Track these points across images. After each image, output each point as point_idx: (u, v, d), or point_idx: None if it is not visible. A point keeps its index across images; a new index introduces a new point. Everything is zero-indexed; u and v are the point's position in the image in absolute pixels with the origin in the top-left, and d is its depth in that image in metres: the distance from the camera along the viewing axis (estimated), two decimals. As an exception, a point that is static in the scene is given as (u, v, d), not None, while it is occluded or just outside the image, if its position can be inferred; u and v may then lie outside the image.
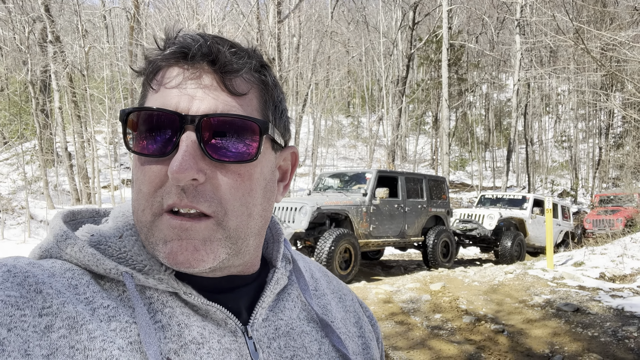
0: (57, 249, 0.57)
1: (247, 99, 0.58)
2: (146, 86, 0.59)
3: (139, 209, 0.56)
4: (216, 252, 0.55)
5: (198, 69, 0.56)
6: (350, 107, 39.56)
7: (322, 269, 0.80)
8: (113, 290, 0.56)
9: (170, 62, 0.56)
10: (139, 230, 0.57)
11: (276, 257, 0.68)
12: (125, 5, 25.45)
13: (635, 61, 10.82)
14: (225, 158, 0.55)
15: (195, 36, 0.56)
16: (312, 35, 24.94)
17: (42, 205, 15.09)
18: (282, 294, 0.67)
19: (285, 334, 0.63)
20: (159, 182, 0.55)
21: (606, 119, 27.17)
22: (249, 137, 0.56)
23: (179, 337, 0.54)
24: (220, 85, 0.56)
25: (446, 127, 19.10)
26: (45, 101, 17.87)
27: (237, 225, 0.56)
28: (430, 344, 4.78)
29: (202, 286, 0.60)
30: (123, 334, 0.51)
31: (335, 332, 0.66)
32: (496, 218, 11.13)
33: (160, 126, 0.55)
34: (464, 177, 30.14)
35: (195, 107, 0.54)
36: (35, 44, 17.35)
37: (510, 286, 6.75)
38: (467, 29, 32.19)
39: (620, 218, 14.57)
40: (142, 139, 0.56)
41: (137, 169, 0.57)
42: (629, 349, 4.61)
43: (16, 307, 0.47)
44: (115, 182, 18.73)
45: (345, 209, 8.14)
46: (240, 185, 0.56)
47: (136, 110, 0.56)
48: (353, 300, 0.78)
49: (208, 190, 0.54)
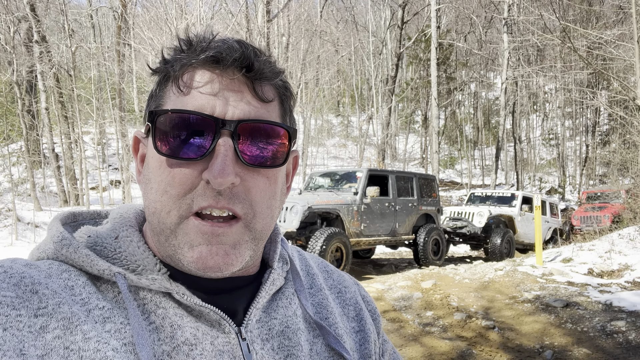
0: (54, 251, 0.58)
1: (272, 106, 0.60)
2: (170, 86, 0.59)
3: (164, 210, 0.56)
4: (244, 255, 0.57)
5: (231, 74, 0.57)
6: (340, 106, 39.61)
7: (323, 264, 0.80)
8: (108, 292, 0.56)
9: (202, 66, 0.57)
10: (159, 231, 0.57)
11: (273, 258, 0.68)
12: (112, 5, 25.22)
13: (621, 59, 10.96)
14: (258, 163, 0.57)
15: (231, 42, 0.58)
16: (302, 35, 24.92)
17: (29, 208, 14.89)
18: (277, 293, 0.67)
19: (279, 333, 0.63)
20: (190, 185, 0.55)
21: (593, 117, 27.53)
22: (280, 142, 0.59)
23: (171, 339, 0.54)
24: (251, 92, 0.58)
25: (436, 125, 19.19)
26: (31, 102, 17.63)
27: (262, 227, 0.59)
28: (423, 340, 4.80)
29: (200, 287, 0.60)
30: (117, 335, 0.52)
31: (331, 333, 0.66)
32: (486, 216, 11.21)
33: (195, 130, 0.55)
34: (454, 175, 30.35)
35: (230, 112, 0.56)
36: (21, 44, 17.11)
37: (500, 283, 6.81)
38: (456, 28, 32.38)
39: (608, 214, 14.76)
40: (173, 142, 0.56)
41: (163, 170, 0.57)
42: (617, 343, 4.67)
43: (12, 307, 0.48)
44: (104, 183, 18.55)
45: (336, 207, 8.15)
46: (268, 188, 0.59)
47: (172, 113, 0.56)
48: (354, 293, 0.77)
49: (241, 193, 0.56)
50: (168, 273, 0.58)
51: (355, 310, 0.74)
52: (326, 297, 0.72)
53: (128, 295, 0.54)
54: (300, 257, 0.77)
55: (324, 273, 0.77)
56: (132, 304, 0.53)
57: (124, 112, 18.93)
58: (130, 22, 18.49)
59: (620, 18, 19.51)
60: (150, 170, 0.59)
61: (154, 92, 0.62)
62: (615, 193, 16.41)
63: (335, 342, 0.66)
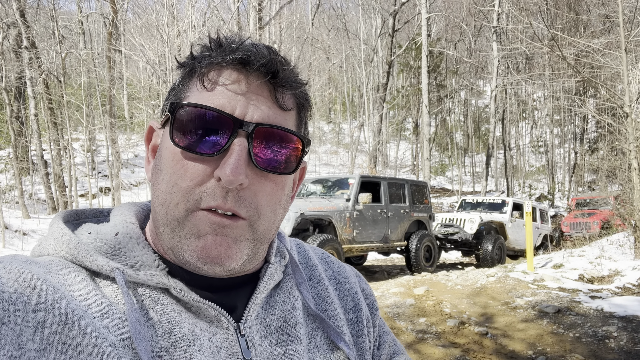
0: (54, 247, 0.59)
1: (290, 115, 0.61)
2: (194, 81, 0.59)
3: (172, 202, 0.57)
4: (242, 252, 0.58)
5: (256, 78, 0.58)
6: (331, 113, 39.70)
7: (323, 255, 0.80)
8: (107, 288, 0.56)
9: (230, 66, 0.58)
10: (166, 223, 0.58)
11: (270, 252, 0.68)
12: (102, 11, 25.13)
13: (608, 67, 11.12)
14: (270, 167, 0.58)
15: (261, 47, 0.59)
16: (293, 42, 25.02)
17: (17, 215, 14.71)
18: (275, 288, 0.67)
19: (277, 329, 0.63)
20: (200, 180, 0.56)
21: (581, 124, 27.86)
22: (293, 150, 0.60)
23: (169, 335, 0.55)
24: (272, 98, 0.59)
25: (426, 132, 19.30)
26: (20, 108, 17.46)
27: (264, 230, 0.60)
28: (417, 348, 4.79)
29: (199, 284, 0.60)
30: (115, 331, 0.52)
31: (331, 325, 0.66)
32: (477, 222, 11.26)
33: (213, 126, 0.56)
34: (445, 182, 30.49)
35: (250, 115, 0.57)
36: (10, 50, 16.96)
37: (492, 289, 6.82)
38: (446, 37, 32.71)
39: (597, 221, 14.89)
40: (190, 135, 0.57)
41: (175, 163, 0.57)
42: (609, 348, 4.69)
43: (10, 302, 0.48)
44: (93, 190, 18.36)
45: (328, 214, 8.13)
46: (274, 193, 0.60)
47: (193, 106, 0.57)
48: (354, 284, 0.77)
49: (247, 196, 0.57)
50: (167, 269, 0.59)
51: (353, 302, 0.74)
52: (326, 287, 0.72)
53: (126, 291, 0.54)
54: (299, 250, 0.77)
55: (324, 264, 0.78)
56: (130, 300, 0.54)
57: (114, 118, 18.81)
58: (121, 28, 18.43)
59: (607, 27, 19.84)
60: (163, 161, 0.59)
61: (176, 85, 0.63)
62: (604, 199, 16.57)
63: (334, 335, 0.66)
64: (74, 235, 0.59)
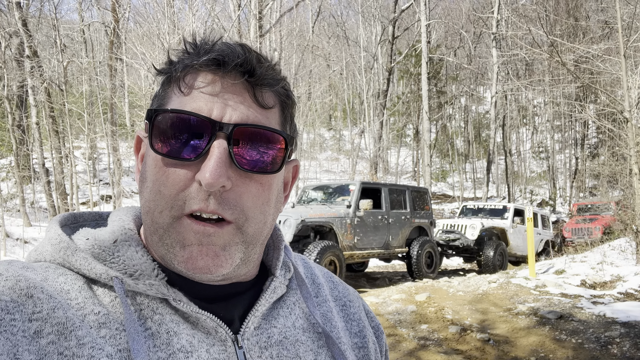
0: (51, 253, 0.57)
1: (272, 113, 0.60)
2: (172, 87, 0.58)
3: (156, 210, 0.56)
4: (233, 257, 0.57)
5: (233, 78, 0.57)
6: (332, 120, 39.78)
7: (328, 274, 0.78)
8: (105, 296, 0.55)
9: (204, 68, 0.57)
10: (153, 231, 0.57)
11: (275, 265, 0.67)
12: (104, 20, 25.28)
13: (608, 73, 11.15)
14: (253, 168, 0.56)
15: (234, 47, 0.57)
16: (294, 50, 25.12)
17: (18, 223, 14.70)
18: (278, 302, 0.66)
19: (277, 342, 0.61)
20: (182, 186, 0.55)
21: (581, 130, 27.86)
22: (276, 149, 0.58)
23: (167, 345, 0.54)
24: (251, 97, 0.57)
25: (427, 139, 19.32)
26: (22, 117, 17.52)
27: (254, 232, 0.58)
28: (419, 355, 4.77)
29: (198, 293, 0.59)
30: (112, 341, 0.51)
31: (337, 345, 0.65)
32: (478, 228, 11.24)
33: (191, 130, 0.55)
34: (446, 188, 30.46)
35: (228, 116, 0.55)
36: (12, 59, 17.05)
37: (494, 295, 6.80)
38: (445, 43, 32.82)
39: (598, 226, 14.87)
40: (169, 141, 0.55)
41: (157, 170, 0.56)
42: (612, 354, 4.67)
43: (6, 311, 0.47)
44: (95, 198, 18.38)
45: (329, 220, 8.13)
46: (261, 194, 0.58)
47: (169, 112, 0.56)
48: (358, 308, 0.75)
49: (232, 198, 0.55)
50: (166, 278, 0.57)
51: (358, 326, 0.73)
52: (331, 309, 0.71)
53: (125, 300, 0.53)
54: (305, 265, 0.75)
55: (329, 283, 0.76)
56: (128, 310, 0.53)
57: (115, 126, 18.86)
58: (122, 37, 18.53)
59: (606, 33, 19.91)
60: (147, 169, 0.58)
61: (157, 93, 0.62)
62: (605, 205, 16.55)
63: (339, 355, 0.64)
64: (71, 241, 0.58)
